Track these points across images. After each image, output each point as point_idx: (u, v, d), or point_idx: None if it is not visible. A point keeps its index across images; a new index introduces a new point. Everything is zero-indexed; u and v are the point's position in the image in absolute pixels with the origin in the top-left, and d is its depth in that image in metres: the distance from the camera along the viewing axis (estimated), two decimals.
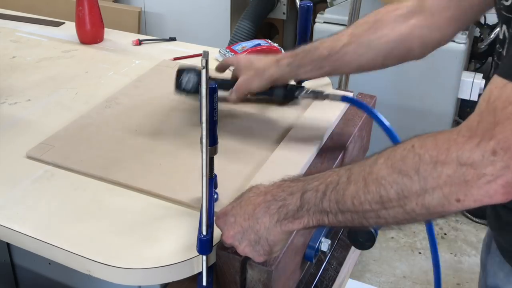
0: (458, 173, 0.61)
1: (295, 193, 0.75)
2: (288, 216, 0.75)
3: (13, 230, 0.90)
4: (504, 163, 0.59)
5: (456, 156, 0.61)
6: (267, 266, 0.83)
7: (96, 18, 1.59)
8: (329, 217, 0.72)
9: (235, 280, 0.86)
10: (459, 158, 0.61)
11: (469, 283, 2.13)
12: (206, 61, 0.71)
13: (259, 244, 0.79)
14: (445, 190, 0.62)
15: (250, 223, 0.79)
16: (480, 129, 0.61)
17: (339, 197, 0.70)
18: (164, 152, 1.09)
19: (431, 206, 0.64)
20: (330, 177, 0.73)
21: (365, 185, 0.68)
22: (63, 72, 1.44)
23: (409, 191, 0.65)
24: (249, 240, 0.79)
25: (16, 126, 1.19)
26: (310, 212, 0.73)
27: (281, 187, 0.78)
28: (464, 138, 0.62)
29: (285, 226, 0.76)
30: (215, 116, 0.84)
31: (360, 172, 0.69)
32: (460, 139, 0.62)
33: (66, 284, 1.08)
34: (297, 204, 0.74)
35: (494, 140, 0.59)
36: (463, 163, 0.61)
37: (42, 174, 1.03)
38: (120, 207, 0.95)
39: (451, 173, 0.61)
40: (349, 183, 0.70)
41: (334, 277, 1.14)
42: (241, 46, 1.50)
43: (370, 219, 0.69)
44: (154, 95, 1.31)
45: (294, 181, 0.78)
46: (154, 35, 2.24)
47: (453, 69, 2.19)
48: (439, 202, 0.63)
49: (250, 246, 0.80)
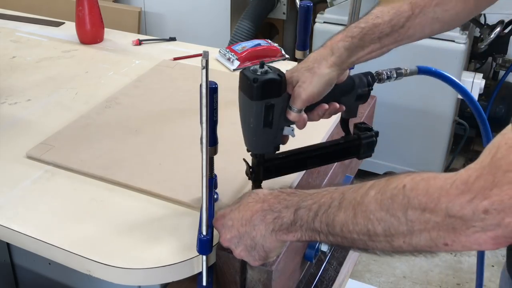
0: (447, 222, 0.60)
1: (289, 208, 0.76)
2: (282, 228, 0.76)
3: (13, 230, 0.90)
4: (496, 222, 0.57)
5: (446, 207, 0.60)
6: (267, 266, 0.83)
7: (96, 18, 1.59)
8: (320, 236, 0.73)
9: (235, 280, 0.86)
10: (448, 210, 0.60)
11: (469, 283, 2.13)
12: (206, 61, 0.71)
13: (255, 250, 0.80)
14: (433, 234, 0.62)
15: (247, 228, 0.80)
16: (476, 186, 0.58)
17: (329, 221, 0.71)
18: (164, 152, 1.09)
19: (418, 246, 0.64)
20: (323, 197, 0.73)
21: (354, 215, 0.68)
22: (63, 72, 1.44)
23: (396, 230, 0.65)
24: (245, 245, 0.80)
25: (16, 126, 1.19)
26: (303, 228, 0.74)
27: (278, 198, 0.79)
28: (457, 191, 0.59)
29: (280, 236, 0.77)
30: (215, 116, 0.84)
31: (351, 201, 0.69)
32: (452, 191, 0.60)
33: (66, 284, 1.08)
34: (291, 219, 0.75)
35: (488, 200, 0.57)
36: (451, 215, 0.59)
37: (42, 174, 1.03)
38: (120, 207, 0.95)
39: (439, 221, 0.61)
40: (339, 209, 0.70)
41: (334, 277, 1.14)
42: (241, 46, 1.50)
43: (359, 246, 0.70)
44: (154, 95, 1.31)
45: (290, 195, 0.78)
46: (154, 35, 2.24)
47: (453, 69, 2.19)
48: (426, 244, 0.63)
49: (246, 251, 0.81)
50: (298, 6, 2.29)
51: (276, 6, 2.79)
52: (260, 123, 0.86)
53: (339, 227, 0.70)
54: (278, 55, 1.51)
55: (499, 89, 2.47)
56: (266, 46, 1.51)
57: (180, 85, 1.36)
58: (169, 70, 1.43)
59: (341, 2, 2.33)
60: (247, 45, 1.51)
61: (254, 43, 1.53)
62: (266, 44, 1.52)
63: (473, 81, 2.26)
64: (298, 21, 1.21)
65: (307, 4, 1.17)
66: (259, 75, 0.83)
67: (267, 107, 0.85)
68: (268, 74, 0.84)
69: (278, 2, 2.79)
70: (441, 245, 0.62)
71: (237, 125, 0.87)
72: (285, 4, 2.78)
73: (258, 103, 0.84)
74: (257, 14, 2.67)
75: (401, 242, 0.65)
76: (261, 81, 0.82)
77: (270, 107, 0.85)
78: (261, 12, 2.70)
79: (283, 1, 2.78)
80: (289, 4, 2.77)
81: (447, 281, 2.13)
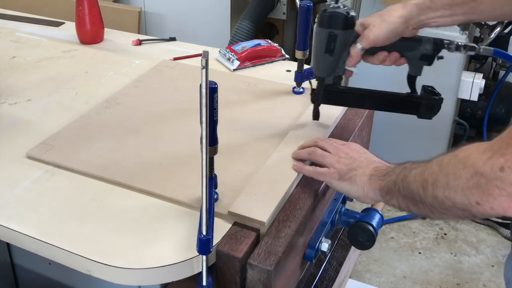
0: (474, 180, 0.68)
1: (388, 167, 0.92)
2: (378, 174, 0.90)
3: (13, 230, 0.90)
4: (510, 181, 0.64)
5: (473, 163, 0.68)
6: (267, 266, 0.83)
7: (96, 18, 1.59)
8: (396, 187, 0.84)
9: (235, 280, 0.86)
10: (474, 166, 0.68)
11: (469, 283, 2.13)
12: (206, 61, 0.71)
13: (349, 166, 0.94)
14: (466, 190, 0.70)
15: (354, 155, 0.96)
16: (496, 146, 0.67)
17: (407, 173, 0.83)
18: (164, 152, 1.09)
19: (456, 201, 0.72)
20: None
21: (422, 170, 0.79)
22: (63, 72, 1.44)
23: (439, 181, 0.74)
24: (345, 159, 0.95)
25: (16, 126, 1.19)
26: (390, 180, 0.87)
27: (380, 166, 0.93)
28: (483, 150, 0.68)
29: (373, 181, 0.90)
30: (215, 116, 0.84)
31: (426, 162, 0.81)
32: (480, 150, 0.68)
33: (66, 284, 1.08)
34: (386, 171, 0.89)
35: (504, 158, 0.65)
36: (476, 171, 0.68)
37: (42, 174, 1.03)
38: (120, 207, 0.95)
39: (469, 178, 0.69)
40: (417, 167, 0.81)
41: (334, 277, 1.14)
42: (241, 46, 1.50)
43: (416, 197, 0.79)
44: (154, 95, 1.31)
45: None
46: (154, 35, 2.24)
47: (453, 69, 2.19)
48: (462, 200, 0.71)
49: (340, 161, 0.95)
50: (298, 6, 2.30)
51: (276, 6, 2.79)
52: (322, 48, 1.03)
53: (410, 178, 0.80)
54: (278, 55, 1.51)
55: (499, 89, 2.47)
56: (266, 46, 1.51)
57: (180, 85, 1.36)
58: (169, 70, 1.43)
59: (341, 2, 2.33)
60: (247, 45, 1.51)
61: (254, 43, 1.53)
62: (266, 44, 1.52)
63: (473, 81, 2.26)
64: (298, 21, 1.21)
65: (307, 4, 1.17)
66: (330, 8, 1.00)
67: (330, 35, 1.01)
68: (337, 9, 1.00)
69: (278, 2, 2.78)
70: (474, 203, 0.69)
71: (237, 125, 0.88)
72: (285, 4, 2.78)
73: (323, 30, 1.02)
74: (257, 14, 2.67)
75: (442, 194, 0.73)
76: (328, 12, 1.00)
77: (332, 37, 1.01)
78: (261, 12, 2.70)
79: (283, 1, 2.77)
80: (289, 4, 2.77)
81: (447, 281, 2.13)
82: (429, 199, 0.76)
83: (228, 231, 0.90)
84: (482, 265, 2.20)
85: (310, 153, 1.02)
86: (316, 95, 1.10)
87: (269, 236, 0.88)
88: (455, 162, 0.72)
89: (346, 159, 0.96)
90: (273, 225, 0.91)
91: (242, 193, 0.95)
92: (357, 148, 0.99)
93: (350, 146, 1.00)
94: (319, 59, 1.05)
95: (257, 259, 0.84)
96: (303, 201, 0.96)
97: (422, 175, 0.78)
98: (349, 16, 1.01)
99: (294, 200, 0.96)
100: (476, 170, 0.67)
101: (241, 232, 0.89)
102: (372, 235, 0.98)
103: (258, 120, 1.20)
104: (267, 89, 1.32)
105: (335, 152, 0.98)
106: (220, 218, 0.92)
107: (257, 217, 0.90)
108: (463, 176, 0.69)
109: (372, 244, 0.99)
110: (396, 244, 2.31)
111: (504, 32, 2.32)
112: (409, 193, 0.80)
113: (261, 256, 0.85)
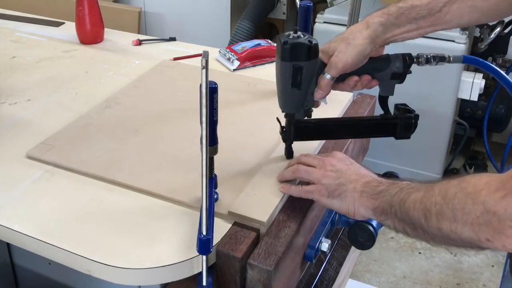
0: (485, 217, 0.65)
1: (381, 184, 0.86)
2: (370, 192, 0.85)
3: (13, 230, 0.90)
4: None
5: (483, 201, 0.65)
6: (267, 266, 0.83)
7: (96, 18, 1.59)
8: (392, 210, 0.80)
9: (235, 280, 0.86)
10: (485, 204, 0.65)
11: (469, 283, 2.13)
12: (206, 61, 0.71)
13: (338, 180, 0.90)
14: (475, 226, 0.67)
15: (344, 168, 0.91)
16: (508, 185, 0.64)
17: (404, 197, 0.79)
18: (164, 152, 1.09)
19: (463, 236, 0.69)
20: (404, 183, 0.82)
21: (422, 197, 0.75)
22: (63, 72, 1.44)
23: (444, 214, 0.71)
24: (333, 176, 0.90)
25: (16, 126, 1.19)
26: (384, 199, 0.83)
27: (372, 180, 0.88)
28: (494, 188, 0.65)
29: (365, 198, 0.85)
30: (215, 116, 0.84)
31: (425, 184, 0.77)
32: (491, 187, 0.66)
33: (66, 284, 1.08)
34: (379, 189, 0.84)
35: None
36: (487, 210, 0.65)
37: (42, 174, 1.03)
38: (120, 207, 0.95)
39: (479, 215, 0.66)
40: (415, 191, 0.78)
41: (334, 277, 1.14)
42: (241, 46, 1.50)
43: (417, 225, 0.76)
44: (154, 95, 1.31)
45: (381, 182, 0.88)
46: (154, 35, 2.24)
47: (453, 69, 2.19)
48: (470, 236, 0.68)
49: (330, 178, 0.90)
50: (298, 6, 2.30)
51: (276, 6, 2.79)
52: (288, 82, 0.95)
53: (409, 204, 0.76)
54: None
55: (499, 89, 2.47)
56: (266, 46, 1.51)
57: (180, 85, 1.36)
58: (169, 70, 1.43)
59: (341, 2, 2.33)
60: (247, 45, 1.51)
61: (254, 43, 1.53)
62: (266, 44, 1.52)
63: (473, 81, 2.26)
64: (298, 21, 1.21)
65: (307, 4, 1.17)
66: (290, 39, 0.92)
67: (295, 68, 0.94)
68: (299, 39, 0.93)
69: (278, 2, 2.79)
70: (483, 240, 0.66)
71: (237, 125, 0.88)
72: (285, 4, 2.78)
73: (286, 64, 0.94)
74: (257, 14, 2.67)
75: (447, 228, 0.70)
76: (290, 43, 0.92)
77: (298, 69, 0.94)
78: (261, 12, 2.71)
79: (283, 1, 2.78)
80: (289, 4, 2.78)
81: (447, 281, 2.13)
82: (432, 229, 0.73)
83: (228, 231, 0.90)
84: (482, 265, 2.20)
85: (294, 171, 0.97)
86: (287, 133, 1.02)
87: (269, 236, 0.88)
88: (462, 196, 0.69)
89: (333, 171, 0.91)
90: (273, 225, 0.91)
91: (242, 193, 0.95)
92: (342, 158, 0.95)
93: (335, 156, 0.95)
94: (286, 95, 0.97)
95: (257, 259, 0.84)
96: (303, 201, 0.96)
97: (423, 203, 0.74)
98: (312, 45, 0.93)
99: (294, 200, 0.96)
100: (488, 209, 0.65)
101: (241, 232, 0.89)
102: (372, 235, 0.98)
103: (258, 120, 1.20)
104: (267, 89, 1.32)
105: (320, 165, 0.93)
106: (220, 218, 0.92)
107: (257, 217, 0.90)
108: (473, 212, 0.67)
109: (372, 244, 0.99)
110: (396, 244, 2.31)
111: (504, 32, 2.32)
112: (407, 218, 0.77)
113: (261, 256, 0.85)
